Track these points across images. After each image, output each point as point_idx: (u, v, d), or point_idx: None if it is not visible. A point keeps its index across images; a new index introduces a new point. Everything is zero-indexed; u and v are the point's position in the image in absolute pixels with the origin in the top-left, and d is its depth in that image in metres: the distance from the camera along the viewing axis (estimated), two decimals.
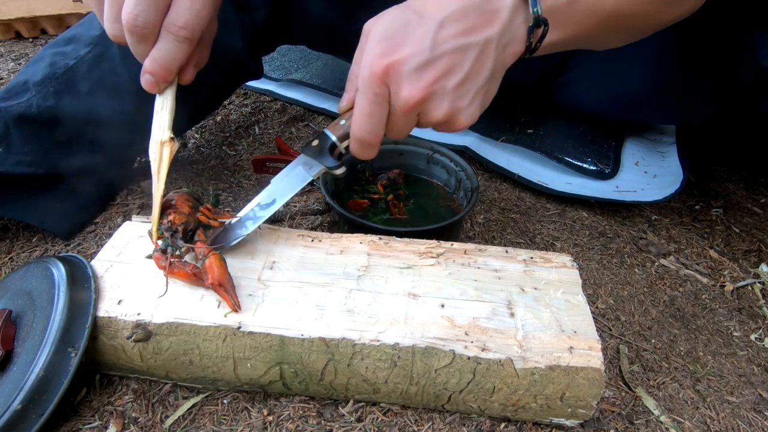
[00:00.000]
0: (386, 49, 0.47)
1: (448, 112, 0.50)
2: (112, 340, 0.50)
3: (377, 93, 0.48)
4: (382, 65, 0.47)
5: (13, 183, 0.70)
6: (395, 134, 0.53)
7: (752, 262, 0.82)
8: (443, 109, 0.49)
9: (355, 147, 0.53)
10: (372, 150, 0.53)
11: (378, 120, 0.50)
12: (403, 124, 0.51)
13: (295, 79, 1.21)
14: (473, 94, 0.50)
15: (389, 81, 0.48)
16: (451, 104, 0.49)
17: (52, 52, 0.73)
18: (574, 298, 0.55)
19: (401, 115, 0.50)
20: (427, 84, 0.47)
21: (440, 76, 0.48)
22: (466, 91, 0.50)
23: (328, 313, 0.51)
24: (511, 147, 0.99)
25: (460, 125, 0.51)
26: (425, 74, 0.47)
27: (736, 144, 1.15)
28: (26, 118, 0.69)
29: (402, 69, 0.47)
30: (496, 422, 0.54)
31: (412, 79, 0.47)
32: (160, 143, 0.54)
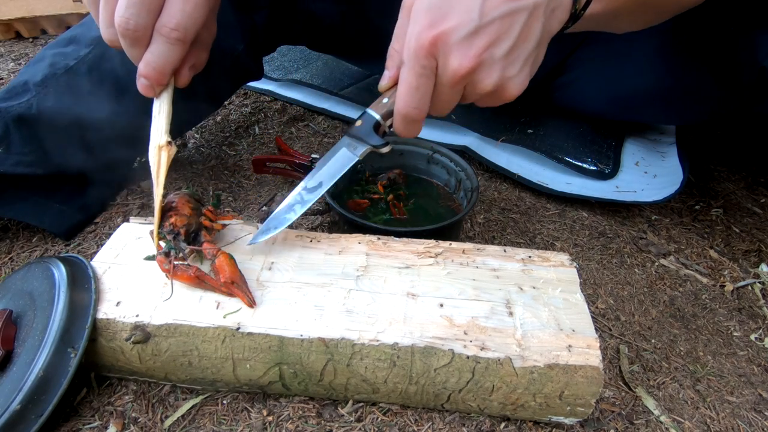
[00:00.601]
0: (433, 20, 0.46)
1: (498, 82, 0.48)
2: (111, 341, 0.50)
3: (425, 65, 0.47)
4: (430, 36, 0.46)
5: (13, 183, 0.70)
6: (439, 109, 0.51)
7: (752, 262, 0.82)
8: (493, 78, 0.48)
9: (399, 123, 0.52)
10: (417, 126, 0.52)
11: (424, 93, 0.49)
12: (450, 98, 0.50)
13: (295, 79, 1.21)
14: (523, 62, 0.49)
15: (437, 52, 0.47)
16: (501, 73, 0.48)
17: (52, 53, 0.73)
18: (573, 297, 0.55)
19: (449, 88, 0.48)
20: (478, 53, 0.46)
21: (490, 44, 0.46)
22: (516, 58, 0.48)
23: (327, 314, 0.51)
24: (511, 147, 0.99)
25: (509, 95, 0.50)
26: (475, 43, 0.46)
27: (736, 144, 1.15)
28: (26, 119, 0.69)
29: (450, 39, 0.46)
30: (496, 421, 0.54)
31: (462, 48, 0.46)
32: (158, 147, 0.54)
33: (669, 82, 0.86)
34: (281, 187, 0.89)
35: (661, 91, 0.89)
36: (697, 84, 0.83)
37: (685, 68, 0.83)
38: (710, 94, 0.84)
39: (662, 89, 0.88)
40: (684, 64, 0.83)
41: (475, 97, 0.51)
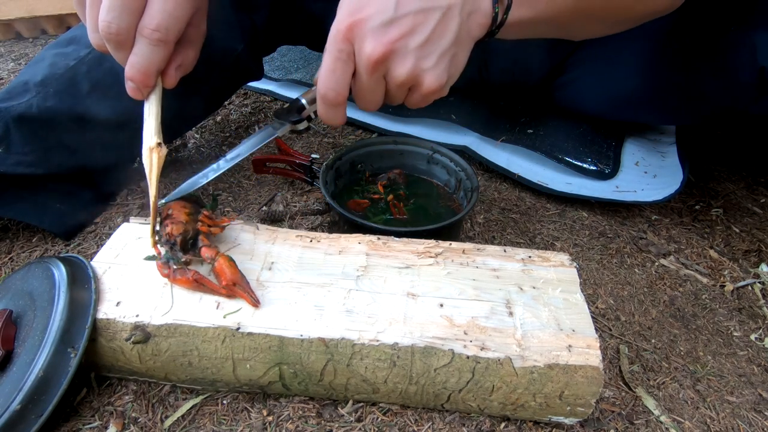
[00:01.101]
0: (353, 9, 0.49)
1: (412, 72, 0.50)
2: (111, 342, 0.50)
3: (341, 49, 0.50)
4: (348, 22, 0.49)
5: (13, 183, 0.70)
6: (364, 101, 0.54)
7: (752, 262, 0.82)
8: (406, 67, 0.50)
9: (320, 106, 0.54)
10: (337, 111, 0.54)
11: (341, 76, 0.51)
12: (370, 87, 0.52)
13: (295, 79, 1.21)
14: (438, 56, 0.51)
15: (353, 38, 0.49)
16: (415, 63, 0.50)
17: (53, 53, 0.73)
18: (573, 297, 0.55)
19: (366, 74, 0.51)
20: (390, 41, 0.49)
21: (403, 35, 0.49)
22: (430, 51, 0.50)
23: (327, 314, 0.51)
24: (511, 147, 0.99)
25: (427, 87, 0.52)
26: (388, 31, 0.49)
27: (736, 144, 1.15)
28: (26, 119, 0.69)
29: (366, 26, 0.49)
30: (496, 421, 0.54)
31: (376, 35, 0.49)
32: (149, 149, 0.53)
33: (668, 82, 0.86)
34: (281, 187, 0.89)
35: (660, 92, 0.89)
36: (697, 84, 0.83)
37: (684, 69, 0.83)
38: (709, 95, 0.84)
39: (662, 90, 0.88)
40: (683, 65, 0.83)
41: (396, 89, 0.53)
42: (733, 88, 0.79)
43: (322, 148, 1.02)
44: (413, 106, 0.56)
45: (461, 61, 0.54)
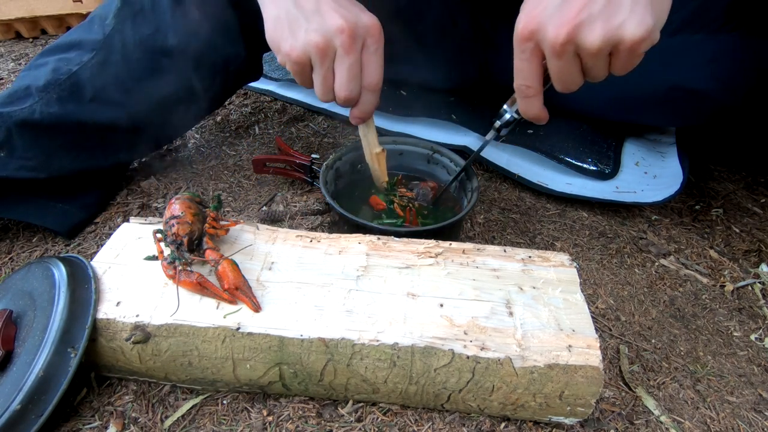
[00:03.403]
0: (528, 9, 0.51)
1: (605, 35, 0.47)
2: (111, 342, 0.50)
3: (522, 49, 0.52)
4: (523, 23, 0.51)
5: (15, 186, 0.70)
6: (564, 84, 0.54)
7: (752, 262, 0.82)
8: (598, 33, 0.47)
9: (519, 102, 0.58)
10: (534, 103, 0.56)
11: (528, 72, 0.54)
12: (563, 69, 0.51)
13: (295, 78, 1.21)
14: (631, 3, 0.46)
15: (532, 34, 0.50)
16: (606, 24, 0.47)
17: (55, 58, 0.73)
18: (573, 297, 0.55)
19: (555, 59, 0.50)
20: (571, 17, 0.47)
21: (584, 4, 0.47)
22: (620, 3, 0.46)
23: (327, 314, 0.51)
24: (511, 147, 0.99)
25: (632, 39, 0.47)
26: (566, 10, 0.48)
27: (736, 144, 1.15)
28: (29, 124, 0.69)
29: (542, 17, 0.49)
30: (496, 421, 0.54)
31: (554, 19, 0.48)
32: (375, 155, 0.74)
33: (669, 83, 0.86)
34: (281, 187, 0.89)
35: (661, 93, 0.89)
36: (697, 86, 0.83)
37: (685, 70, 0.83)
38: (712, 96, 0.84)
39: (662, 91, 0.88)
40: (684, 66, 0.83)
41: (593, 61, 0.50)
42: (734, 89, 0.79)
43: (322, 148, 1.02)
44: (624, 71, 0.51)
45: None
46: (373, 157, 0.75)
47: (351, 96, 0.62)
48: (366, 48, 0.60)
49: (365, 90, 0.63)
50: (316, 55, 0.58)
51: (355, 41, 0.58)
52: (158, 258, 0.54)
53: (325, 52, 0.58)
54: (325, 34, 0.57)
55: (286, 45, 0.59)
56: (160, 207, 0.82)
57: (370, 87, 0.63)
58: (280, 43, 0.60)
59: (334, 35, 0.57)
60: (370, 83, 0.62)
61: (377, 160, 0.75)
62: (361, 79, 0.62)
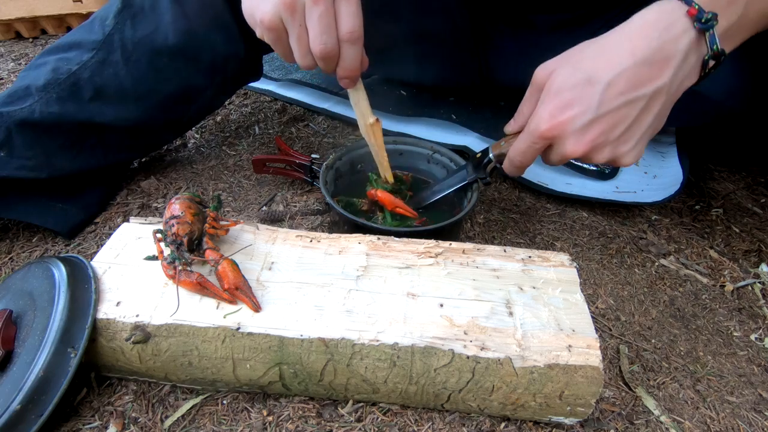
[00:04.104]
0: (555, 110, 0.54)
1: (609, 158, 0.55)
2: (111, 342, 0.50)
3: (536, 142, 0.56)
4: (549, 125, 0.54)
5: (15, 186, 0.70)
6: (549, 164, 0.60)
7: (752, 262, 0.82)
8: (604, 157, 0.54)
9: (507, 166, 0.63)
10: (520, 172, 0.63)
11: (531, 157, 0.59)
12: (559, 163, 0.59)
13: (295, 79, 1.21)
14: (637, 139, 0.54)
15: (553, 138, 0.55)
16: (612, 151, 0.54)
17: (55, 58, 0.73)
18: (573, 297, 0.55)
19: (560, 161, 0.58)
20: (590, 140, 0.53)
21: (603, 131, 0.52)
22: (630, 138, 0.53)
23: (327, 314, 0.51)
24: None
25: (624, 164, 0.56)
26: (589, 132, 0.53)
27: (736, 144, 1.14)
28: (29, 124, 0.69)
29: (567, 129, 0.53)
30: (496, 421, 0.54)
31: (576, 136, 0.53)
32: (369, 126, 0.68)
33: None
34: (281, 187, 0.89)
35: None
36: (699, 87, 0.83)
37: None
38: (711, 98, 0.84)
39: None
40: None
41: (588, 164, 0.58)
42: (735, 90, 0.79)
43: (322, 148, 1.02)
44: None
45: (661, 124, 0.56)
46: (368, 129, 0.69)
47: (327, 49, 0.57)
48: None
49: (343, 42, 0.58)
50: (285, 12, 0.55)
51: None
52: (158, 258, 0.54)
53: (293, 7, 0.55)
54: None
55: (258, 13, 0.57)
56: (160, 207, 0.82)
57: (347, 37, 0.57)
58: (254, 13, 0.58)
59: None
60: (345, 32, 0.57)
61: (372, 132, 0.69)
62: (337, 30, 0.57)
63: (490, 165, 0.68)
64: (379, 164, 0.74)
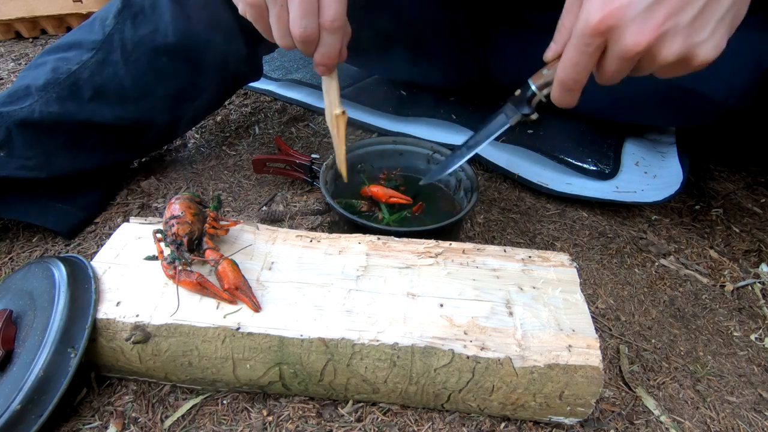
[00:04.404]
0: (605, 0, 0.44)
1: (681, 51, 0.45)
2: (111, 342, 0.50)
3: (589, 43, 0.46)
4: (601, 15, 0.44)
5: (15, 186, 0.70)
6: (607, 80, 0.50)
7: (752, 262, 0.82)
8: (675, 48, 0.44)
9: (557, 92, 0.53)
10: (573, 96, 0.53)
11: (585, 67, 0.49)
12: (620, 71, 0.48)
13: (295, 79, 1.21)
14: (715, 24, 0.44)
15: (608, 30, 0.45)
16: (685, 41, 0.44)
17: (54, 58, 0.73)
18: (573, 297, 0.55)
19: (621, 62, 0.47)
20: (657, 25, 0.43)
21: (671, 14, 0.43)
22: (705, 22, 0.44)
23: (327, 314, 0.51)
24: (511, 147, 0.99)
25: (702, 61, 0.46)
26: (653, 15, 0.43)
27: (736, 144, 1.15)
28: (29, 124, 0.69)
29: (627, 14, 0.44)
30: (496, 421, 0.54)
31: (637, 22, 0.43)
32: (335, 116, 0.66)
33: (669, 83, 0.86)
34: (281, 187, 0.89)
35: (661, 93, 0.89)
36: (698, 86, 0.83)
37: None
38: (711, 97, 0.84)
39: (662, 91, 0.88)
40: None
41: (653, 69, 0.48)
42: (735, 90, 0.79)
43: (322, 148, 1.02)
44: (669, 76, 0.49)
45: (742, 14, 0.46)
46: (334, 119, 0.67)
47: (306, 34, 0.55)
48: None
49: (324, 30, 0.56)
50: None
51: None
52: (158, 258, 0.54)
53: None
54: None
55: None
56: (160, 207, 0.82)
57: (327, 25, 0.56)
58: None
59: None
60: (326, 19, 0.55)
61: (336, 123, 0.67)
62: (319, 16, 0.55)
63: (534, 98, 0.60)
64: (337, 157, 0.72)
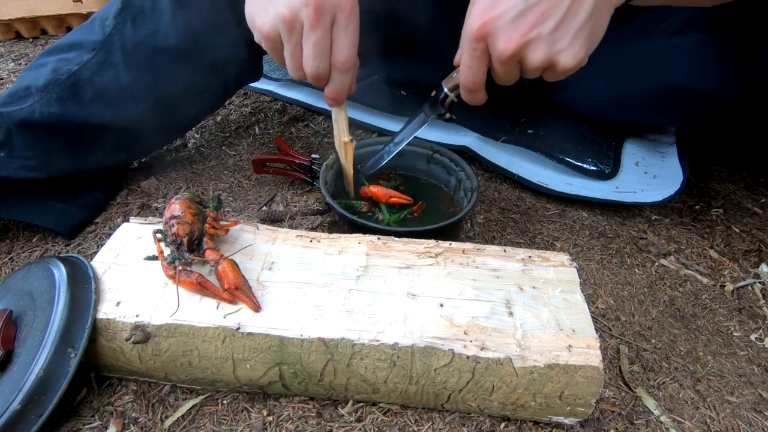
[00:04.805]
0: (485, 7, 0.51)
1: (546, 57, 0.51)
2: (111, 342, 0.50)
3: (475, 48, 0.53)
4: (480, 23, 0.51)
5: (15, 186, 0.70)
6: (503, 81, 0.57)
7: (752, 262, 0.82)
8: (540, 54, 0.51)
9: (463, 93, 0.60)
10: (478, 95, 0.59)
11: (478, 70, 0.56)
12: (506, 72, 0.55)
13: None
14: (573, 35, 0.50)
15: (486, 36, 0.52)
16: (548, 49, 0.50)
17: (55, 58, 0.73)
18: (573, 297, 0.55)
19: (501, 65, 0.53)
20: (522, 34, 0.50)
21: (534, 24, 0.49)
22: (564, 33, 0.50)
23: (327, 314, 0.51)
24: (511, 147, 0.99)
25: (564, 68, 0.52)
26: (519, 25, 0.50)
27: (736, 144, 1.15)
28: (29, 124, 0.69)
29: (498, 24, 0.50)
30: (496, 421, 0.54)
31: (507, 31, 0.50)
32: (344, 143, 0.73)
33: (669, 83, 0.86)
34: (281, 187, 0.89)
35: (661, 93, 0.89)
36: (697, 86, 0.84)
37: (684, 70, 0.83)
38: (711, 97, 0.84)
39: (662, 91, 0.88)
40: (684, 66, 0.83)
41: (532, 73, 0.54)
42: (736, 90, 0.79)
43: (322, 148, 1.02)
44: (551, 80, 0.56)
45: (600, 31, 0.53)
46: (342, 146, 0.73)
47: (318, 73, 0.60)
48: (336, 24, 0.57)
49: (334, 69, 0.60)
50: (283, 28, 0.57)
51: (321, 15, 0.55)
52: (158, 258, 0.54)
53: (292, 26, 0.56)
54: (292, 7, 0.55)
55: (258, 20, 0.59)
56: (160, 207, 0.82)
57: (339, 66, 0.60)
58: (255, 19, 0.59)
59: (301, 8, 0.55)
60: (338, 62, 0.59)
61: (344, 149, 0.74)
62: (331, 56, 0.59)
63: (447, 100, 0.66)
64: (345, 179, 0.78)
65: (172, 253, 0.53)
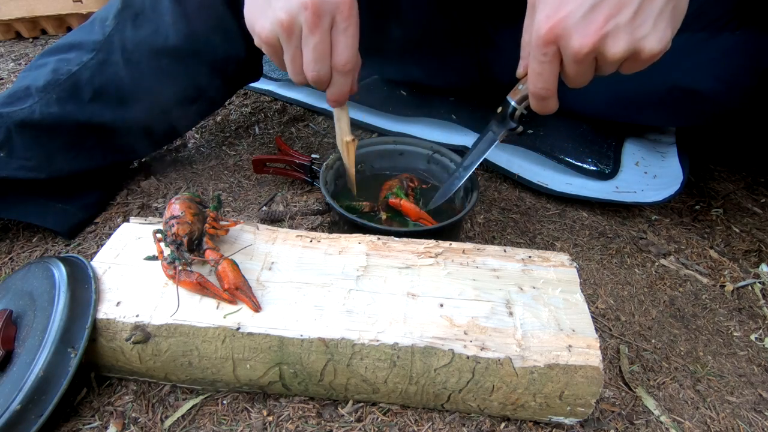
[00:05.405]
0: (551, 11, 0.49)
1: (628, 47, 0.48)
2: (111, 342, 0.50)
3: (545, 53, 0.51)
4: (547, 27, 0.49)
5: (15, 186, 0.70)
6: (576, 83, 0.54)
7: (752, 262, 0.82)
8: (622, 45, 0.48)
9: (533, 103, 0.58)
10: (550, 103, 0.57)
11: (549, 76, 0.53)
12: (581, 73, 0.52)
13: None
14: (655, 18, 0.48)
15: (556, 39, 0.49)
16: (630, 37, 0.48)
17: (55, 59, 0.73)
18: (573, 297, 0.55)
19: (576, 66, 0.51)
20: (597, 28, 0.47)
21: (610, 16, 0.47)
22: (646, 17, 0.47)
23: (327, 314, 0.51)
24: (511, 147, 0.99)
25: (650, 53, 0.49)
26: (593, 19, 0.47)
27: (736, 144, 1.15)
28: (28, 124, 0.69)
29: (569, 23, 0.48)
30: (496, 421, 0.54)
31: (580, 28, 0.48)
32: (345, 143, 0.73)
33: (669, 83, 0.86)
34: (281, 187, 0.89)
35: (661, 93, 0.89)
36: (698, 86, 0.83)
37: (685, 69, 0.83)
38: (711, 97, 0.84)
39: (662, 91, 0.88)
40: (685, 66, 0.83)
41: (611, 67, 0.51)
42: (736, 90, 0.79)
43: (322, 148, 1.02)
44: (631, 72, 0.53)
45: (684, 5, 0.50)
46: (344, 145, 0.74)
47: (319, 77, 0.59)
48: (335, 26, 0.57)
49: (335, 71, 0.60)
50: (282, 33, 0.57)
51: (320, 18, 0.55)
52: (158, 258, 0.54)
53: (291, 30, 0.56)
54: (290, 11, 0.55)
55: (257, 25, 0.58)
56: (160, 207, 0.82)
57: (339, 68, 0.59)
58: (254, 24, 0.59)
59: (299, 12, 0.55)
60: (338, 64, 0.59)
61: (347, 148, 0.74)
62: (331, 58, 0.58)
63: (516, 113, 0.64)
64: (348, 178, 0.79)
65: (172, 253, 0.53)
